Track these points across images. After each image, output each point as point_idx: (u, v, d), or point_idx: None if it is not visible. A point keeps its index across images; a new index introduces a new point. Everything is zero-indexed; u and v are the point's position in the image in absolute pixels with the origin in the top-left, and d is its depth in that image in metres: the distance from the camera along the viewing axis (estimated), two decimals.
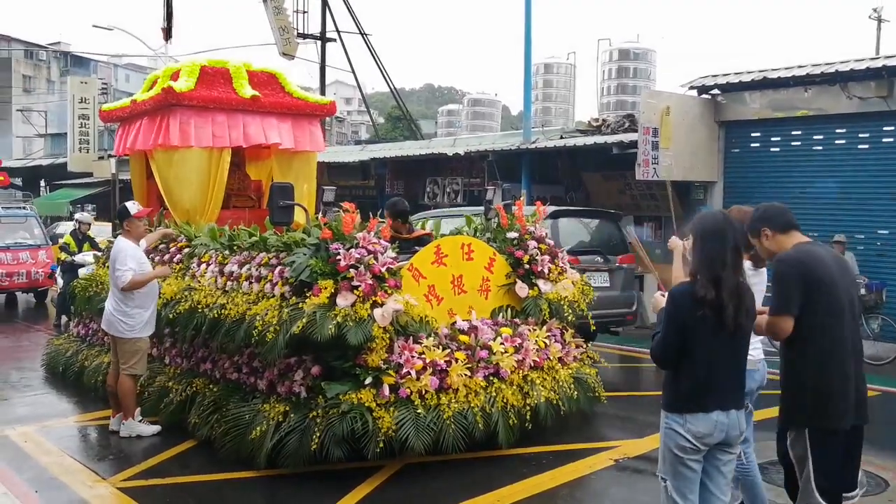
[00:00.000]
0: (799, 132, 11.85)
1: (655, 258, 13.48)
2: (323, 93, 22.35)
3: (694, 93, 12.59)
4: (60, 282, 12.31)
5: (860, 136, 11.24)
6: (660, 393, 3.74)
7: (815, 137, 11.71)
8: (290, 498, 5.25)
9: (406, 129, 32.27)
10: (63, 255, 12.20)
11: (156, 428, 6.60)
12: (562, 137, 14.92)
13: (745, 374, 3.59)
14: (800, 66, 11.73)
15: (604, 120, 14.87)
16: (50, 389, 8.43)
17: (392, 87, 23.59)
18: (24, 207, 17.19)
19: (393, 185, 18.40)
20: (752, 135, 12.41)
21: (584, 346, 7.04)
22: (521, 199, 7.39)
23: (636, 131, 12.11)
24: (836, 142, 11.50)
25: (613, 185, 14.01)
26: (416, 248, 6.49)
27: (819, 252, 3.62)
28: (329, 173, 19.58)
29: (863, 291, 10.03)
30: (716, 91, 12.54)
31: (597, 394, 6.68)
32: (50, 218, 25.92)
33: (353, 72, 22.88)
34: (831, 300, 3.52)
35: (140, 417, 6.67)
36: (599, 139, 13.52)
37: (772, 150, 12.19)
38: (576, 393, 6.40)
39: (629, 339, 11.31)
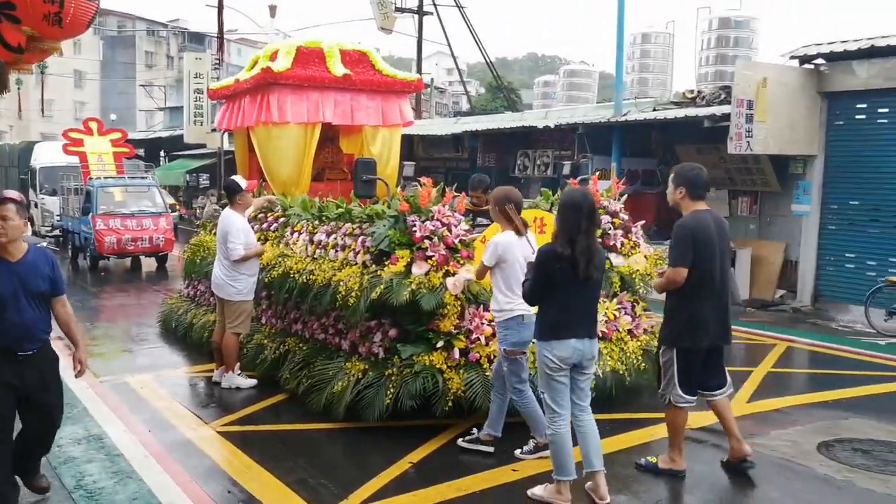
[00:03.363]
0: None
1: (750, 233, 13.33)
2: (419, 65, 22.70)
3: (794, 63, 12.16)
4: None
5: None
6: (738, 368, 4.64)
7: None
8: (368, 447, 5.70)
9: (506, 100, 32.38)
10: None
11: (252, 381, 7.23)
12: (654, 109, 14.72)
13: (596, 312, 4.73)
14: None
15: (699, 92, 14.57)
16: (163, 343, 9.32)
17: (488, 59, 23.68)
18: (147, 177, 18.55)
19: (485, 157, 18.51)
20: (858, 106, 11.87)
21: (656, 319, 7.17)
22: (612, 171, 7.51)
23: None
24: None
25: (707, 158, 13.73)
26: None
27: (706, 218, 4.92)
28: (424, 146, 19.91)
29: None
30: (819, 61, 12.08)
31: None
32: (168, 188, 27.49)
33: (450, 46, 23.15)
34: (707, 254, 4.83)
35: (239, 371, 7.31)
36: (691, 112, 13.29)
37: (879, 121, 11.68)
38: (644, 364, 6.58)
39: None
